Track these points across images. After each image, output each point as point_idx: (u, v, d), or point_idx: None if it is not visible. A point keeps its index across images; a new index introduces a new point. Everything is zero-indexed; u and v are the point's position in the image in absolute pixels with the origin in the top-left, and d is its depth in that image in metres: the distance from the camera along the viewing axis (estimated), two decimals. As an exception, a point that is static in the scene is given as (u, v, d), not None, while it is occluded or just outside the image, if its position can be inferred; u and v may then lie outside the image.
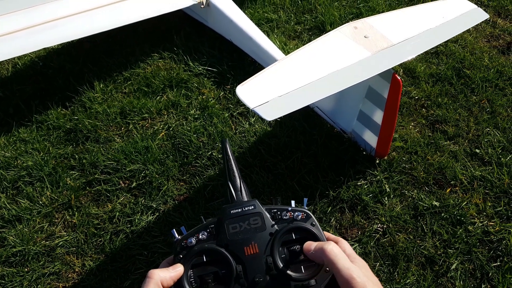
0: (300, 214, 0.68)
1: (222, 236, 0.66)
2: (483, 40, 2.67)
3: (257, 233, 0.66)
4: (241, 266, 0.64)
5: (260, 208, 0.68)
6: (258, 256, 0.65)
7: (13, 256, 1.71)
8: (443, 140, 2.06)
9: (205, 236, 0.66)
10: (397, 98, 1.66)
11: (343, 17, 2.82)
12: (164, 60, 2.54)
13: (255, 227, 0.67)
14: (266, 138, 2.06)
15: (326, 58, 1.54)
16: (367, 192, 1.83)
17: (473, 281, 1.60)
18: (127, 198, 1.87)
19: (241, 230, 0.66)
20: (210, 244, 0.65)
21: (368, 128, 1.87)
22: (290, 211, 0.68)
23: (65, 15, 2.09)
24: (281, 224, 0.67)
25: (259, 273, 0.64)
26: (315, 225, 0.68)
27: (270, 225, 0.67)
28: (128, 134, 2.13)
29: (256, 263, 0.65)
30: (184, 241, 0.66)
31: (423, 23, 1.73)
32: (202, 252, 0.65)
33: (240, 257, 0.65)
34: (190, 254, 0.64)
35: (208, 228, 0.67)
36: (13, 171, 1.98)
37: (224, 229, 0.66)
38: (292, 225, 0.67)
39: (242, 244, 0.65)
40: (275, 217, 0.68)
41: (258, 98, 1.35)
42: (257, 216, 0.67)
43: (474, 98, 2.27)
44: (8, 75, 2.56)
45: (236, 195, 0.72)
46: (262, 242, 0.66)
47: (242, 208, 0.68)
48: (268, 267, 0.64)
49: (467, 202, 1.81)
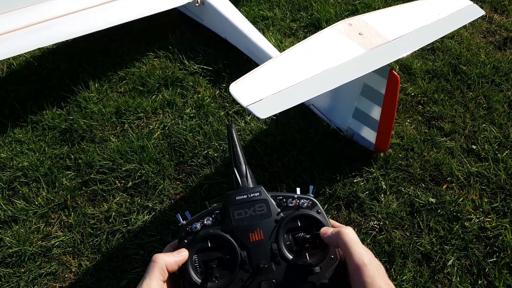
0: (306, 202, 0.68)
1: (227, 222, 0.66)
2: (480, 36, 2.67)
3: (262, 219, 0.66)
4: (246, 252, 0.64)
5: (266, 195, 0.68)
6: (263, 242, 0.65)
7: (10, 256, 1.71)
8: (440, 137, 2.05)
9: (210, 222, 0.66)
10: (395, 93, 1.66)
11: (339, 14, 2.81)
12: (159, 59, 2.53)
13: (261, 213, 0.66)
14: (261, 136, 2.06)
15: (320, 55, 1.54)
16: (363, 189, 1.83)
17: (469, 277, 1.60)
18: (123, 197, 1.87)
19: (246, 216, 0.66)
20: (215, 230, 0.65)
21: (365, 124, 1.87)
22: (296, 199, 0.68)
23: (60, 14, 2.08)
24: (287, 211, 0.67)
25: (263, 259, 0.64)
26: (320, 212, 0.69)
27: (275, 212, 0.67)
28: (123, 134, 2.13)
29: (261, 249, 0.65)
30: (189, 226, 0.65)
31: (418, 20, 1.73)
32: (207, 238, 0.65)
33: (245, 243, 0.65)
34: (195, 240, 0.64)
35: (213, 213, 0.67)
36: (9, 172, 1.97)
37: (229, 215, 0.66)
38: (298, 213, 0.67)
39: (247, 230, 0.65)
40: (281, 204, 0.68)
41: (252, 96, 1.35)
42: (262, 203, 0.67)
43: (470, 94, 2.27)
44: (3, 76, 2.55)
45: (241, 181, 0.72)
46: (267, 229, 0.66)
47: (248, 195, 0.67)
48: (273, 253, 0.64)
49: (464, 198, 1.80)
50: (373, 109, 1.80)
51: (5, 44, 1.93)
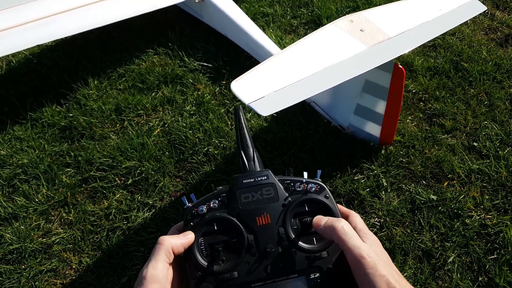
0: (314, 186, 0.67)
1: (233, 206, 0.65)
2: (481, 33, 2.66)
3: (269, 203, 0.65)
4: (253, 236, 0.64)
5: (273, 178, 0.67)
6: (270, 226, 0.64)
7: (10, 253, 1.70)
8: (441, 134, 2.05)
9: (216, 205, 0.65)
10: (401, 86, 1.67)
11: (339, 11, 2.80)
12: (159, 56, 2.52)
13: (268, 197, 0.66)
14: (262, 134, 2.05)
15: (321, 52, 1.53)
16: (364, 186, 1.83)
17: (470, 274, 1.60)
18: (123, 195, 1.87)
19: (253, 200, 0.65)
20: (222, 213, 0.64)
21: (369, 119, 1.87)
22: (304, 183, 0.67)
23: (58, 11, 2.06)
24: (294, 195, 0.66)
25: (270, 243, 0.63)
26: (329, 197, 0.67)
27: (283, 196, 0.66)
28: (123, 131, 2.12)
29: (267, 233, 0.64)
30: (194, 209, 0.65)
31: (419, 16, 1.72)
32: (213, 221, 0.64)
33: (251, 227, 0.64)
34: (201, 222, 0.64)
35: (220, 196, 0.66)
36: (9, 169, 1.97)
37: (236, 198, 0.65)
38: (306, 197, 0.66)
39: (254, 214, 0.64)
40: (288, 188, 0.67)
41: (254, 93, 1.34)
42: (270, 187, 0.66)
43: (472, 91, 2.26)
44: (2, 73, 2.54)
45: (248, 164, 0.70)
46: (275, 213, 0.65)
47: (255, 178, 0.66)
48: (280, 238, 0.64)
49: (465, 195, 1.80)
50: (377, 104, 1.79)
51: (4, 41, 1.92)
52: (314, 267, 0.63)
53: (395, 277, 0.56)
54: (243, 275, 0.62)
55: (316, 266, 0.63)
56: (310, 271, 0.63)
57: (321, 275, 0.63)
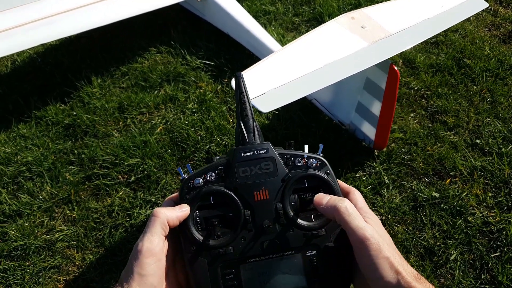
0: (315, 162, 0.64)
1: (231, 179, 0.62)
2: (484, 29, 2.64)
3: (268, 178, 0.63)
4: (250, 211, 0.62)
5: (273, 152, 0.64)
6: (268, 202, 0.62)
7: (15, 250, 1.72)
8: (443, 131, 2.04)
9: (213, 178, 0.63)
10: (395, 88, 1.65)
11: (341, 8, 2.79)
12: (161, 54, 2.53)
13: (267, 172, 0.63)
14: (264, 131, 2.06)
15: (322, 49, 1.53)
16: (366, 183, 1.83)
17: (472, 272, 1.59)
18: (126, 192, 1.88)
19: (251, 174, 0.63)
20: (218, 186, 0.62)
21: (367, 120, 1.86)
22: (304, 158, 0.64)
23: (62, 10, 2.08)
24: (295, 170, 0.64)
25: (267, 219, 0.61)
26: (330, 173, 0.64)
27: (282, 171, 0.63)
28: (126, 129, 2.13)
29: (265, 209, 0.62)
30: (190, 181, 0.62)
31: (421, 13, 1.71)
32: (209, 194, 0.62)
33: (249, 202, 0.62)
34: (197, 196, 0.62)
35: (217, 169, 0.63)
36: (13, 167, 1.99)
37: (233, 172, 0.63)
38: (306, 173, 0.63)
39: (252, 189, 0.62)
40: (288, 163, 0.64)
41: (254, 90, 1.35)
42: (269, 161, 0.63)
43: (474, 88, 2.25)
44: (7, 72, 2.56)
45: (248, 136, 0.66)
46: (273, 188, 0.63)
47: (254, 152, 0.64)
48: (278, 214, 0.62)
49: (467, 192, 1.80)
50: (374, 104, 1.79)
51: (9, 40, 1.94)
52: (311, 245, 0.62)
53: (397, 259, 0.54)
54: (238, 251, 0.61)
55: (313, 243, 0.62)
56: (306, 249, 0.62)
57: (318, 253, 0.62)
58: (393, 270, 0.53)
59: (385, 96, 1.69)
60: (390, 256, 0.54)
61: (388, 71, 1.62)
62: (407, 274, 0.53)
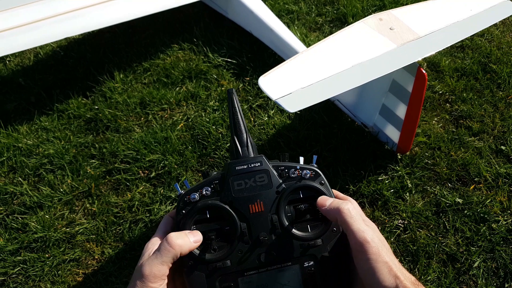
0: (309, 173, 0.66)
1: (226, 193, 0.64)
2: (511, 35, 2.59)
3: (263, 190, 0.64)
4: (246, 224, 0.63)
5: (267, 165, 0.65)
6: (263, 214, 0.63)
7: (35, 242, 1.74)
8: (467, 136, 2.01)
9: (208, 192, 0.64)
10: (422, 92, 1.63)
11: (365, 9, 2.77)
12: (183, 51, 2.53)
13: (261, 184, 0.64)
14: (285, 131, 2.05)
15: (350, 49, 1.51)
16: (388, 187, 1.80)
17: (496, 280, 1.56)
18: (146, 187, 1.88)
19: (246, 187, 0.64)
20: (214, 201, 0.63)
21: (391, 122, 1.84)
22: (298, 169, 0.66)
23: (87, 5, 2.09)
24: (289, 182, 0.65)
25: (263, 231, 0.62)
26: (324, 183, 0.66)
27: (276, 183, 0.65)
28: (147, 125, 2.14)
29: (261, 221, 0.63)
30: (187, 196, 0.64)
31: (450, 16, 1.68)
32: (205, 209, 0.63)
33: (244, 214, 0.63)
34: (193, 210, 0.63)
35: (212, 184, 0.64)
36: (35, 159, 2.01)
37: (228, 185, 0.64)
38: (300, 184, 0.65)
39: (247, 201, 0.63)
40: (283, 174, 0.65)
41: (281, 89, 1.33)
42: (263, 173, 0.65)
43: (500, 94, 2.21)
44: (30, 64, 2.58)
45: (242, 150, 0.68)
46: (268, 200, 0.64)
47: (248, 165, 0.65)
48: (273, 225, 0.63)
49: (491, 199, 1.76)
50: (399, 107, 1.76)
51: (33, 33, 1.96)
52: (308, 255, 0.62)
53: (396, 264, 0.55)
54: (235, 264, 0.61)
55: (310, 254, 0.62)
56: (304, 259, 0.62)
57: (315, 263, 0.62)
58: (392, 275, 0.53)
59: (411, 99, 1.67)
60: (389, 260, 0.54)
61: (416, 73, 1.60)
62: (405, 279, 0.53)
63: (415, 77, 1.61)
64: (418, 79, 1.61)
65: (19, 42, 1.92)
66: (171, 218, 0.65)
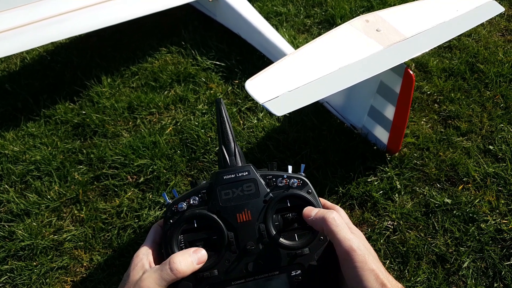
0: (296, 182, 0.66)
1: (214, 202, 0.64)
2: (498, 34, 2.61)
3: (250, 200, 0.64)
4: (233, 233, 0.63)
5: (255, 174, 0.66)
6: (250, 223, 0.63)
7: (22, 250, 1.71)
8: (456, 136, 2.02)
9: (196, 202, 0.64)
10: (410, 93, 1.63)
11: (353, 11, 2.77)
12: (172, 54, 2.52)
13: (249, 193, 0.64)
14: (274, 134, 2.04)
15: (337, 52, 1.51)
16: (378, 188, 1.80)
17: (485, 280, 1.57)
18: (135, 193, 1.86)
19: (234, 196, 0.64)
20: (201, 210, 0.63)
21: (379, 124, 1.84)
22: (285, 178, 0.66)
23: (73, 9, 2.07)
24: (276, 191, 0.65)
25: (251, 240, 0.62)
26: (311, 192, 0.66)
27: (264, 192, 0.65)
28: (135, 129, 2.12)
29: (248, 230, 0.63)
30: (174, 206, 0.64)
31: (436, 16, 1.69)
32: (192, 218, 0.63)
33: (232, 224, 0.63)
34: (180, 220, 0.63)
35: (200, 193, 0.65)
36: (22, 166, 1.98)
37: (216, 195, 0.64)
38: (287, 193, 0.65)
39: (235, 210, 0.63)
40: (270, 183, 0.66)
41: (268, 93, 1.33)
42: (251, 183, 0.65)
43: (487, 94, 2.22)
44: (16, 70, 2.56)
45: (229, 160, 0.69)
46: (256, 209, 0.64)
47: (236, 174, 0.65)
48: (261, 234, 0.63)
49: (480, 199, 1.77)
50: (387, 108, 1.77)
51: (19, 38, 1.93)
52: (295, 264, 0.62)
53: (383, 272, 0.55)
54: (223, 273, 0.61)
55: (297, 263, 0.62)
56: (291, 268, 0.62)
57: (303, 272, 0.62)
58: (379, 283, 0.53)
59: (399, 100, 1.67)
60: (376, 268, 0.54)
61: (403, 74, 1.60)
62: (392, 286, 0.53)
63: (403, 78, 1.62)
64: (405, 80, 1.61)
65: (5, 47, 1.90)
66: (160, 227, 0.65)
